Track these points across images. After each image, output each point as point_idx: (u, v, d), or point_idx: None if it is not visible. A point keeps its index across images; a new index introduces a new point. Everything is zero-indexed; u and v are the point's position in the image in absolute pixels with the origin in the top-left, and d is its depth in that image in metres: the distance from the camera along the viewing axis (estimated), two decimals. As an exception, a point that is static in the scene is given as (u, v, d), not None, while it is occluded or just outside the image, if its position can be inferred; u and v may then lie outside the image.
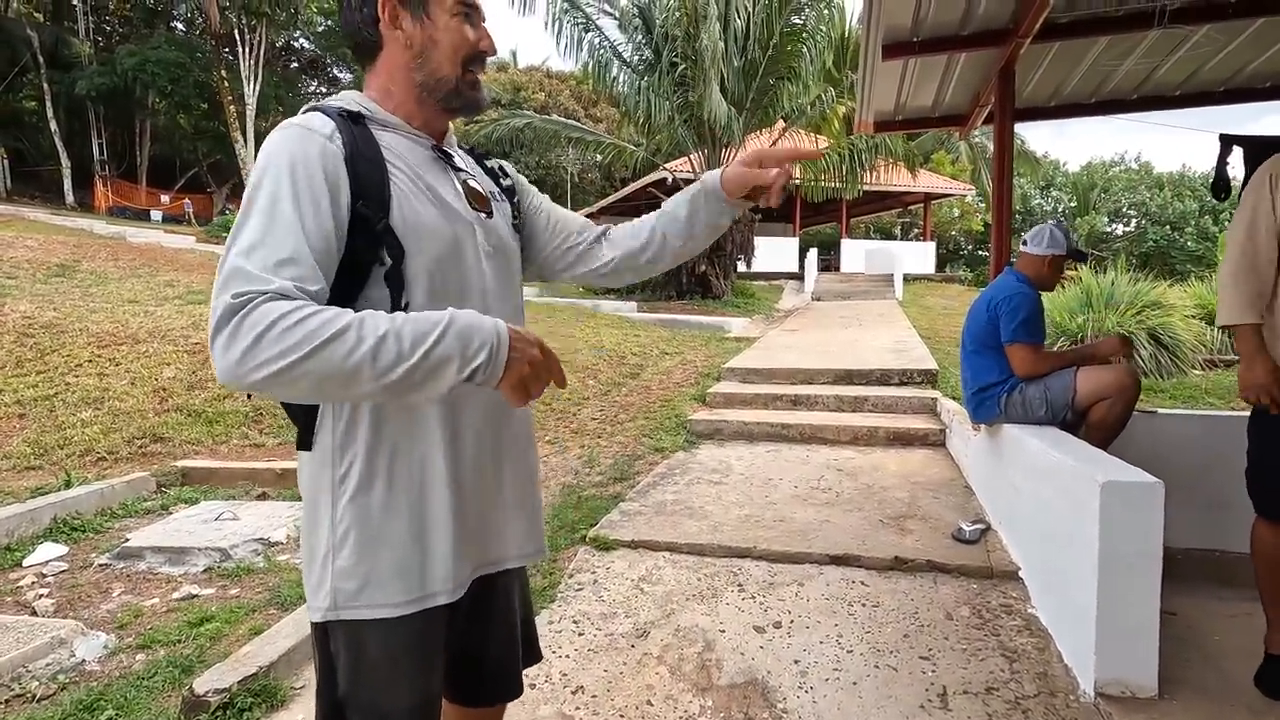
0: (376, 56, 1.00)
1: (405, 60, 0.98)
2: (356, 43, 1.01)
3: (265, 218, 0.83)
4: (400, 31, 0.97)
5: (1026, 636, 2.36)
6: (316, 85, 28.37)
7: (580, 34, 12.20)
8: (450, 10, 0.98)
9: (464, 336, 0.80)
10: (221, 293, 0.78)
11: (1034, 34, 3.03)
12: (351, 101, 0.99)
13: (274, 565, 3.37)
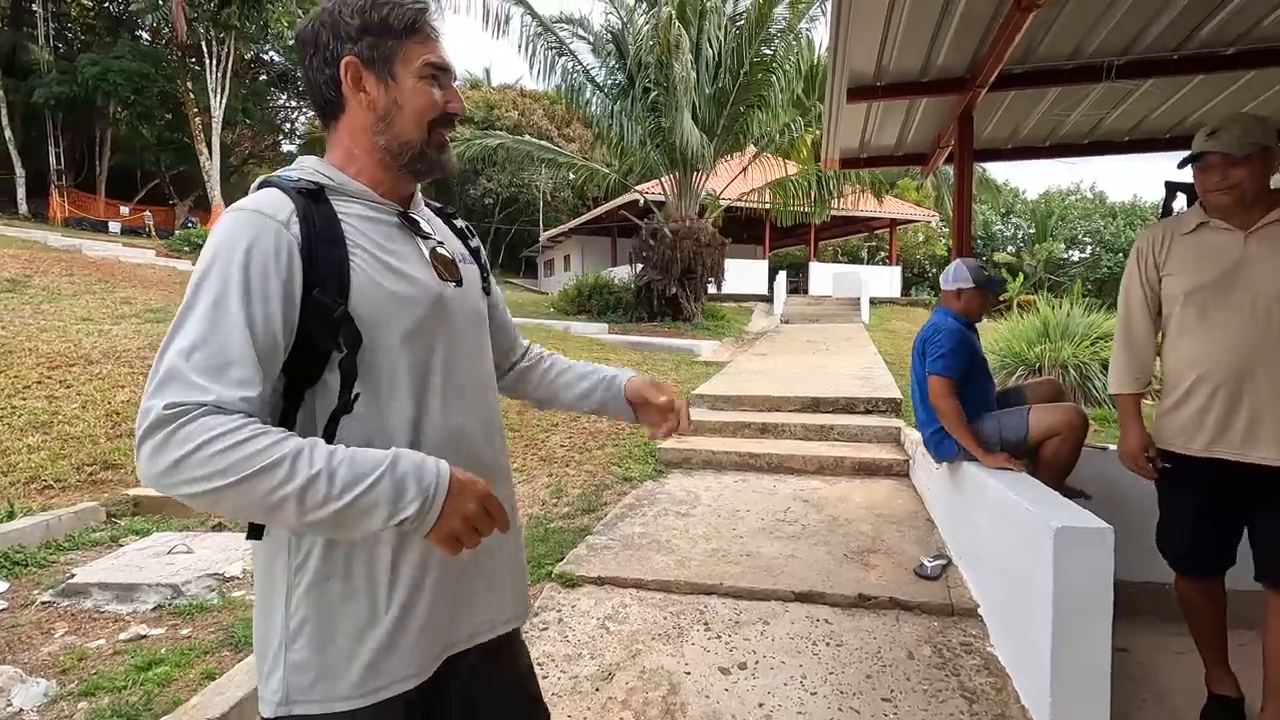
0: (339, 117, 0.96)
1: (368, 123, 0.95)
2: (318, 103, 0.97)
3: (209, 315, 0.79)
4: (364, 94, 0.94)
5: (985, 676, 2.40)
6: (286, 98, 28.05)
7: (554, 58, 12.31)
8: (417, 73, 0.95)
9: (399, 486, 0.79)
10: (155, 395, 0.75)
11: (990, 84, 3.15)
12: (311, 171, 0.95)
13: (228, 602, 3.27)
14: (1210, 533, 2.04)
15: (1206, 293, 1.95)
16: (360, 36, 0.92)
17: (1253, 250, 1.89)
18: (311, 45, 0.94)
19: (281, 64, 25.92)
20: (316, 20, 0.95)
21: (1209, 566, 2.08)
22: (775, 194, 13.53)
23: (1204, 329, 1.96)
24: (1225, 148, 1.84)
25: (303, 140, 29.30)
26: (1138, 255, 2.11)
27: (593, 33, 13.24)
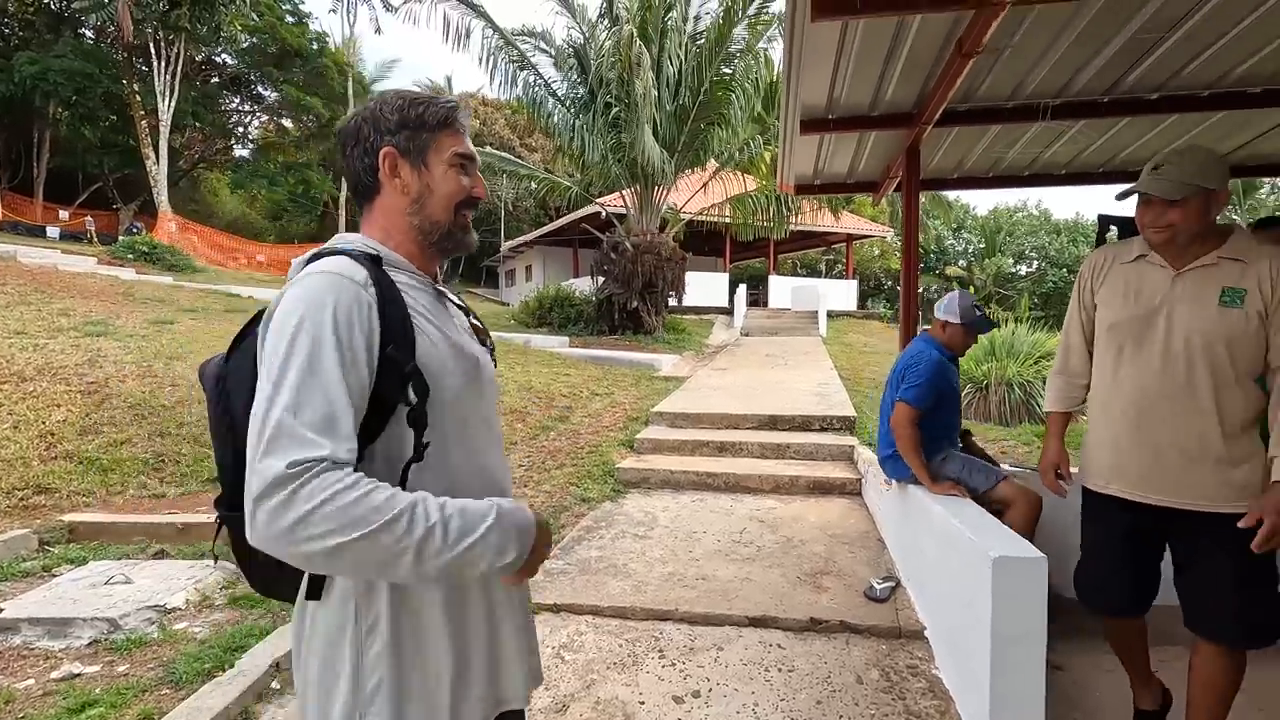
0: (373, 199, 1.04)
1: (403, 205, 1.04)
2: (355, 186, 1.06)
3: (308, 372, 0.83)
4: (399, 179, 1.03)
5: (930, 699, 2.47)
6: (239, 102, 27.32)
7: (515, 71, 12.29)
8: (448, 162, 1.05)
9: (505, 537, 0.88)
10: (270, 454, 0.78)
11: (935, 120, 3.28)
12: (362, 244, 1.01)
13: (170, 635, 3.16)
14: (1122, 573, 2.03)
15: (1126, 329, 1.94)
16: (398, 130, 1.02)
17: (1178, 291, 1.86)
18: (353, 138, 1.03)
19: (234, 67, 25.27)
20: (358, 117, 1.05)
21: (1122, 607, 2.08)
22: (735, 209, 13.72)
23: (1119, 365, 1.96)
24: (1161, 191, 1.79)
25: (256, 145, 28.57)
26: (1080, 279, 2.13)
27: (555, 47, 13.27)
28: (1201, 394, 1.82)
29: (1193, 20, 2.59)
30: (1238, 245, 1.82)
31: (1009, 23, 2.58)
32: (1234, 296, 1.78)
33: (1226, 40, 2.73)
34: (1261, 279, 1.76)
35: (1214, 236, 1.85)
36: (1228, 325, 1.78)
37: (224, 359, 0.98)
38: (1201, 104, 3.24)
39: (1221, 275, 1.81)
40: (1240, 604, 1.82)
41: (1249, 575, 1.82)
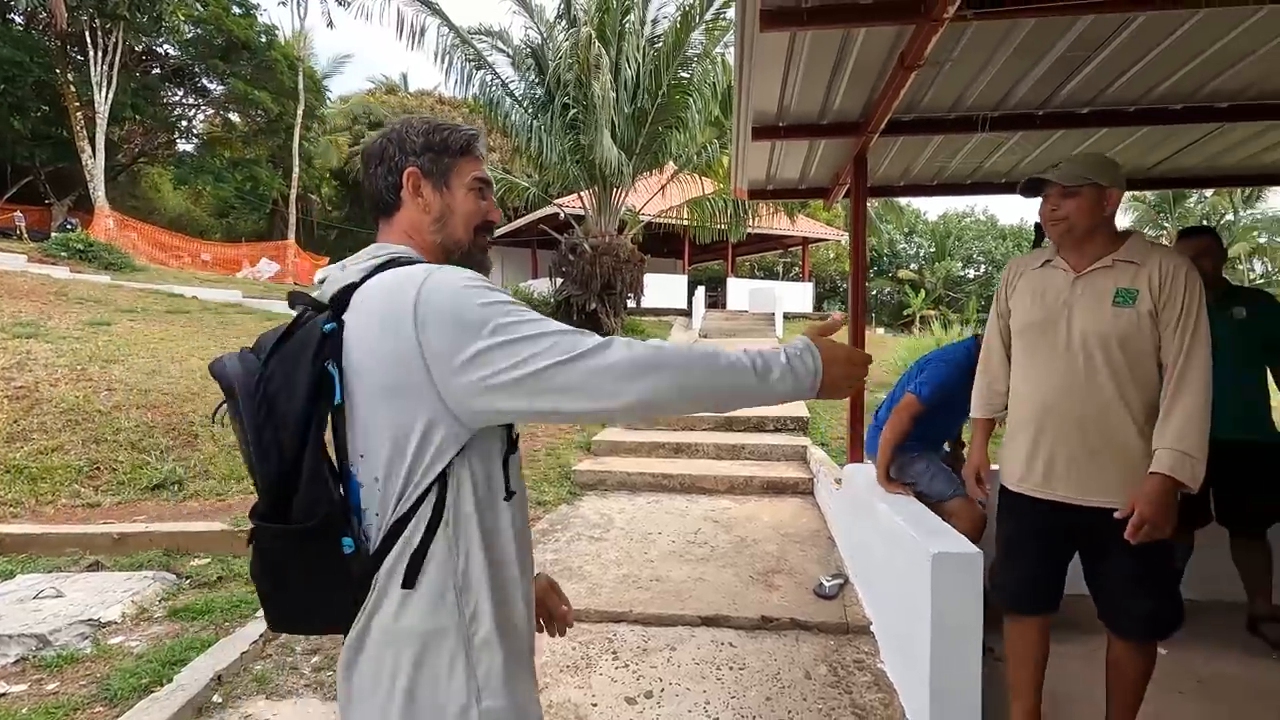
0: (393, 215, 1.08)
1: (425, 222, 1.07)
2: (376, 201, 1.09)
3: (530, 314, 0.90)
4: (420, 198, 1.07)
5: (875, 692, 2.55)
6: (183, 95, 26.29)
7: (472, 70, 12.15)
8: (467, 186, 1.09)
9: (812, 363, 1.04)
10: (583, 350, 0.86)
11: (881, 130, 3.37)
12: (409, 254, 1.03)
13: (104, 651, 3.05)
14: (1034, 571, 2.07)
15: (1033, 331, 2.01)
16: (423, 152, 1.07)
17: (1078, 292, 1.93)
18: (377, 157, 1.08)
19: (177, 58, 24.32)
20: (383, 138, 1.09)
21: (1026, 602, 2.12)
22: (693, 212, 13.84)
23: (1028, 366, 2.03)
24: (1058, 178, 1.89)
25: (201, 140, 27.53)
26: (998, 286, 2.22)
27: (512, 46, 13.18)
28: (1102, 392, 1.88)
29: (1116, 41, 2.74)
30: (1133, 248, 1.91)
31: (948, 38, 2.67)
32: (1126, 296, 1.86)
33: (1147, 61, 2.89)
34: (1152, 279, 1.85)
35: (1112, 240, 1.94)
36: (1121, 324, 1.85)
37: (260, 360, 0.92)
38: (1128, 119, 3.42)
39: (1116, 276, 1.89)
40: (1142, 600, 1.91)
41: (1149, 572, 1.90)
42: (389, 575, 0.90)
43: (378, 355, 0.89)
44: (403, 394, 0.89)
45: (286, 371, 0.89)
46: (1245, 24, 2.60)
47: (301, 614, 0.97)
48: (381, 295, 0.91)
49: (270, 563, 0.94)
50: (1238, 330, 2.85)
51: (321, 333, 0.90)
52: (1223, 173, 4.33)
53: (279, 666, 2.83)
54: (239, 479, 5.16)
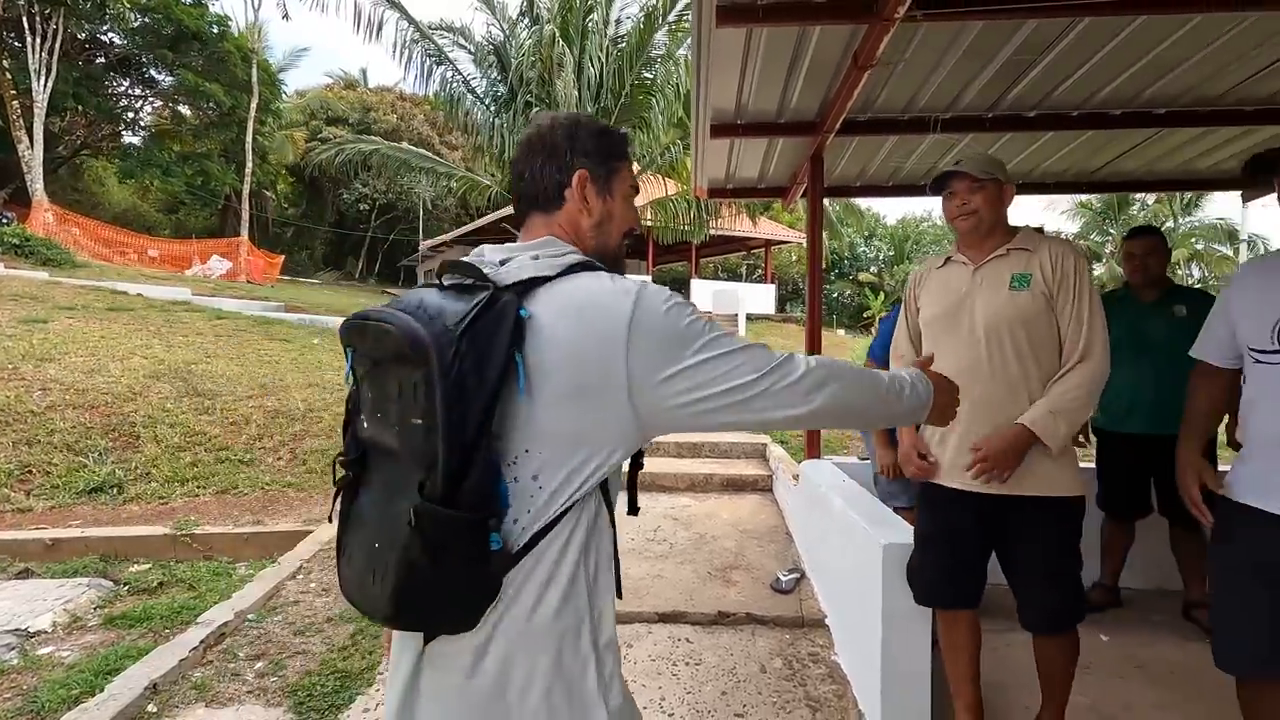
0: (552, 212, 1.05)
1: (585, 225, 1.06)
2: (534, 195, 1.06)
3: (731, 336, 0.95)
4: (585, 201, 1.05)
5: (829, 685, 2.57)
6: (129, 85, 25.29)
7: (432, 66, 11.99)
8: (625, 194, 1.09)
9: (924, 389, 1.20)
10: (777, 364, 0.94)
11: (836, 129, 3.41)
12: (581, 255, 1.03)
13: (32, 662, 2.90)
14: (942, 562, 2.05)
15: (938, 323, 2.06)
16: (594, 154, 1.05)
17: (978, 281, 1.99)
18: (545, 151, 1.05)
19: (123, 47, 23.38)
20: (552, 130, 1.05)
21: (944, 597, 2.09)
22: (657, 212, 13.86)
23: (938, 358, 2.05)
24: (971, 169, 1.94)
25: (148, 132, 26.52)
26: (907, 288, 2.25)
27: (474, 43, 13.04)
28: (1008, 375, 1.92)
29: (1060, 46, 2.82)
30: (1025, 238, 2.00)
31: (900, 38, 2.71)
32: (1022, 280, 1.93)
33: (1089, 66, 2.98)
34: (1044, 264, 1.93)
35: (1007, 233, 2.02)
36: (1019, 307, 1.92)
37: (444, 330, 0.83)
38: (1072, 123, 3.53)
39: (1011, 263, 1.97)
40: (1049, 594, 1.95)
41: (1058, 566, 1.94)
42: (527, 576, 0.89)
43: (572, 357, 0.87)
44: (589, 398, 0.88)
45: (480, 351, 0.84)
46: (1179, 32, 2.70)
47: (428, 609, 0.87)
48: (587, 299, 0.90)
49: (424, 550, 0.83)
50: (1178, 328, 2.94)
51: (518, 318, 0.86)
52: (1161, 177, 4.51)
53: (220, 673, 2.73)
54: (182, 481, 4.98)
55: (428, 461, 0.81)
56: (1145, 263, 3.07)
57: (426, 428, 0.81)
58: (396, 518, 0.83)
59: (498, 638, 0.89)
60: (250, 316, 10.92)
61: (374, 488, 0.91)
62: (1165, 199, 24.92)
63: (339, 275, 31.94)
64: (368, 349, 0.90)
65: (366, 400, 0.92)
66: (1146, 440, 2.94)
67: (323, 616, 3.24)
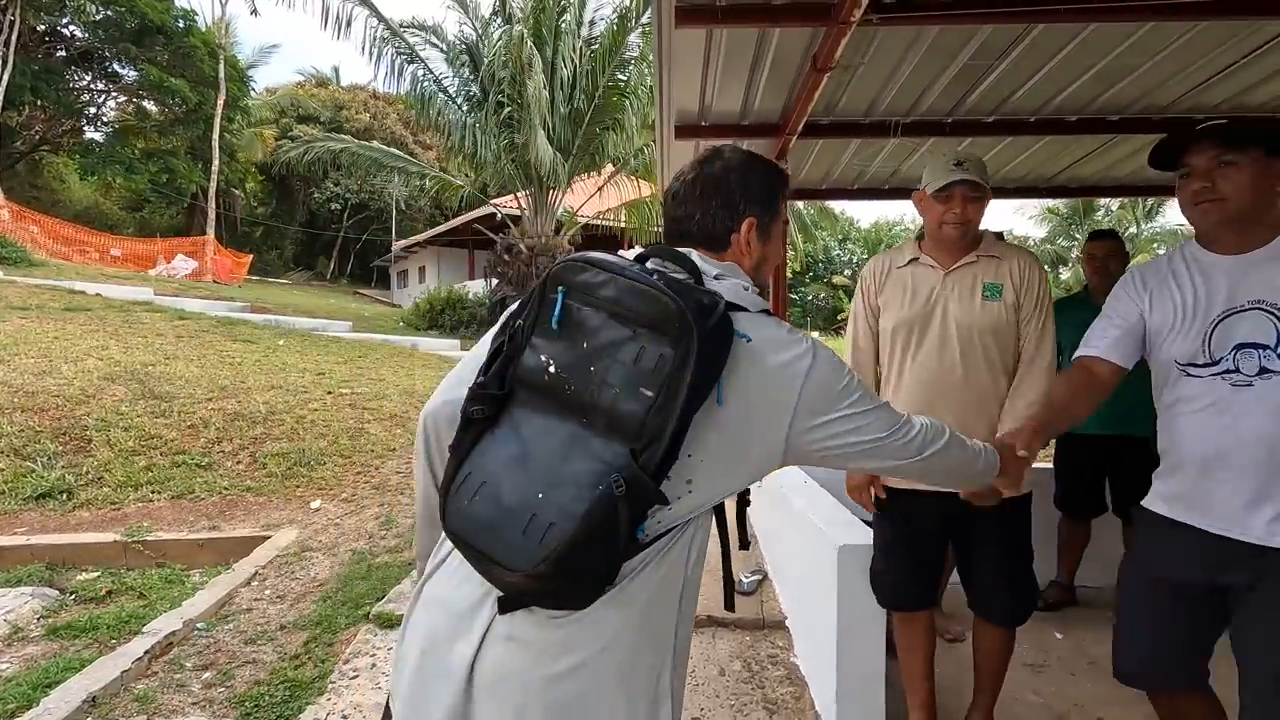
0: (720, 252, 1.08)
1: (745, 265, 1.09)
2: (702, 233, 1.07)
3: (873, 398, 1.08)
4: (749, 245, 1.08)
5: (787, 686, 2.57)
6: (90, 79, 24.62)
7: (403, 64, 11.86)
8: (781, 234, 1.14)
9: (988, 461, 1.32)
10: (904, 424, 1.07)
11: (799, 131, 3.43)
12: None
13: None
14: (905, 566, 2.06)
15: (907, 328, 2.01)
16: (762, 202, 1.08)
17: (949, 287, 1.96)
18: (718, 191, 1.07)
19: (85, 41, 22.76)
20: (725, 170, 1.08)
21: (908, 601, 2.11)
22: (631, 214, 13.86)
23: (905, 363, 2.03)
24: (977, 176, 1.88)
25: (113, 128, 25.83)
26: (860, 285, 2.16)
27: (446, 42, 12.92)
28: (976, 384, 1.94)
29: (1016, 52, 2.86)
30: (990, 245, 1.99)
31: (858, 42, 2.73)
32: (994, 291, 1.94)
33: (1044, 73, 3.03)
34: (1013, 274, 1.94)
35: (974, 238, 2.00)
36: (991, 317, 1.92)
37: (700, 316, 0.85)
38: (1029, 128, 3.59)
39: (981, 271, 1.96)
40: (1007, 589, 2.01)
41: (1014, 563, 2.00)
42: (641, 568, 0.90)
43: (754, 388, 0.93)
44: (756, 427, 0.95)
45: (712, 349, 0.86)
46: (1128, 41, 2.75)
47: (576, 576, 0.85)
48: (781, 340, 0.97)
49: (611, 517, 0.83)
50: None
51: (737, 336, 0.91)
52: (1117, 182, 4.61)
53: (165, 685, 2.64)
54: (136, 486, 4.84)
55: (646, 433, 0.82)
56: (1105, 264, 3.11)
57: (660, 403, 0.82)
58: (587, 475, 0.82)
59: (606, 622, 0.89)
60: (214, 317, 10.68)
61: (539, 436, 0.88)
62: (1128, 205, 25.58)
63: (310, 276, 31.40)
64: (608, 298, 0.87)
65: (571, 343, 0.88)
66: (1101, 440, 3.00)
67: (276, 624, 3.16)
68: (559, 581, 0.84)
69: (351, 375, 8.00)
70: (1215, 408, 1.44)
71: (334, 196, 30.62)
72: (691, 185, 1.08)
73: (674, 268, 0.95)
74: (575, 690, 0.88)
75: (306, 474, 5.20)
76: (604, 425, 0.84)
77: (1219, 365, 1.44)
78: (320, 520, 4.57)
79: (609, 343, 0.86)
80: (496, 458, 0.88)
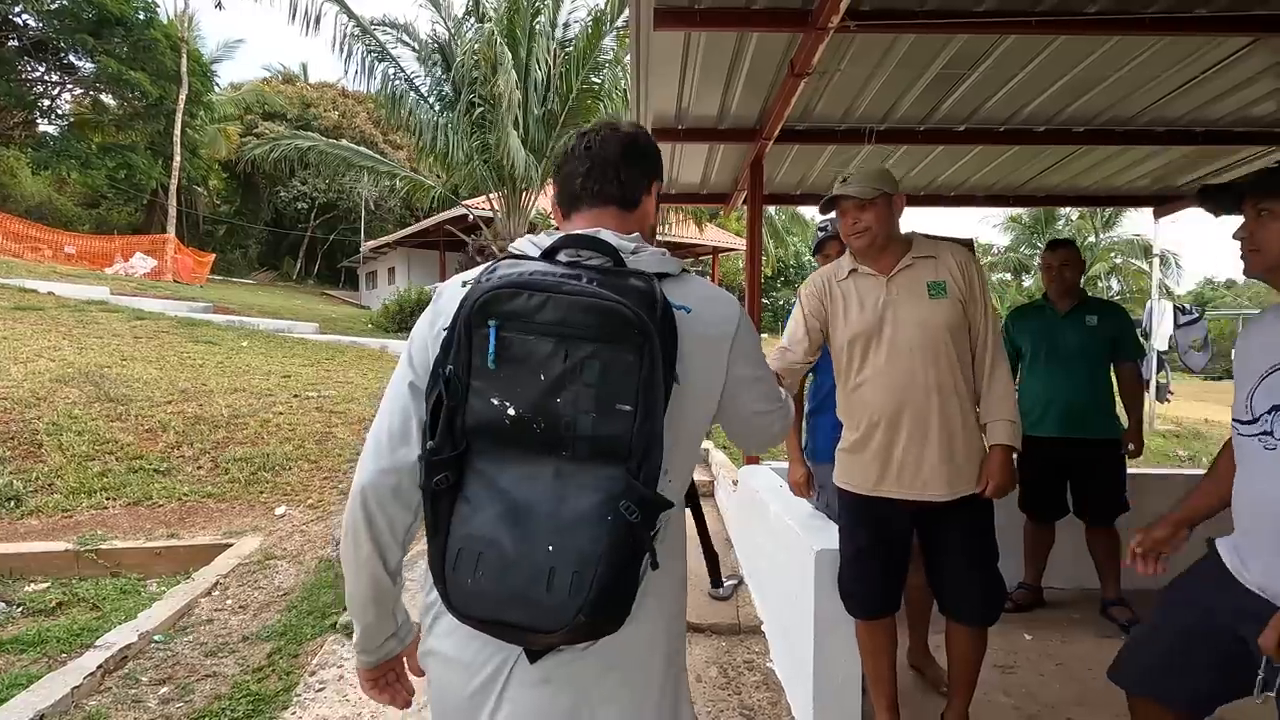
0: (630, 211, 1.09)
1: (646, 224, 1.13)
2: (624, 192, 1.09)
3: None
4: (651, 205, 1.14)
5: (764, 692, 2.55)
6: (45, 71, 23.76)
7: (374, 62, 11.66)
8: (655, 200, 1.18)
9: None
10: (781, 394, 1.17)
11: (775, 136, 3.44)
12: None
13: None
14: (876, 573, 2.05)
15: (864, 339, 2.01)
16: (659, 168, 1.15)
17: (894, 292, 1.97)
18: (640, 155, 1.10)
19: (39, 31, 21.96)
20: (647, 140, 1.14)
21: (876, 608, 2.09)
22: (604, 218, 13.81)
23: (864, 373, 2.02)
24: (856, 192, 1.93)
25: (68, 122, 24.96)
26: (801, 302, 2.15)
27: (418, 40, 12.75)
28: (937, 383, 1.93)
29: (987, 62, 2.91)
30: (922, 247, 2.00)
31: (835, 48, 2.75)
32: (938, 288, 1.95)
33: (1014, 84, 3.09)
34: (953, 270, 1.96)
35: (904, 242, 2.02)
36: (942, 314, 1.94)
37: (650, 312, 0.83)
38: (999, 138, 3.66)
39: (922, 272, 1.97)
40: (978, 588, 2.01)
41: (982, 562, 2.01)
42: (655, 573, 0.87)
43: (704, 355, 0.95)
44: (701, 391, 0.96)
45: (666, 340, 0.85)
46: (1095, 54, 2.82)
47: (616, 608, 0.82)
48: (712, 302, 0.99)
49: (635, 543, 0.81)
50: (1089, 335, 3.08)
51: (678, 312, 0.89)
52: (1083, 192, 4.73)
53: (119, 700, 2.53)
54: (89, 493, 4.65)
55: (636, 448, 0.79)
56: (1061, 273, 3.16)
57: (641, 414, 0.79)
58: (591, 514, 0.79)
59: (643, 610, 0.86)
60: (174, 317, 10.37)
61: (520, 486, 0.81)
62: (1087, 215, 26.32)
63: (275, 276, 30.71)
64: (551, 321, 0.80)
65: (523, 381, 0.80)
66: (1060, 443, 3.05)
67: (238, 635, 3.06)
68: (599, 625, 0.81)
69: (318, 378, 7.82)
70: (1248, 466, 1.39)
71: (301, 195, 30.02)
72: (605, 144, 1.07)
73: (590, 255, 0.90)
74: (628, 699, 0.92)
75: (271, 479, 5.05)
76: (588, 453, 0.80)
77: (1257, 425, 1.36)
78: (285, 527, 4.44)
79: (569, 369, 0.80)
80: (483, 522, 0.81)
